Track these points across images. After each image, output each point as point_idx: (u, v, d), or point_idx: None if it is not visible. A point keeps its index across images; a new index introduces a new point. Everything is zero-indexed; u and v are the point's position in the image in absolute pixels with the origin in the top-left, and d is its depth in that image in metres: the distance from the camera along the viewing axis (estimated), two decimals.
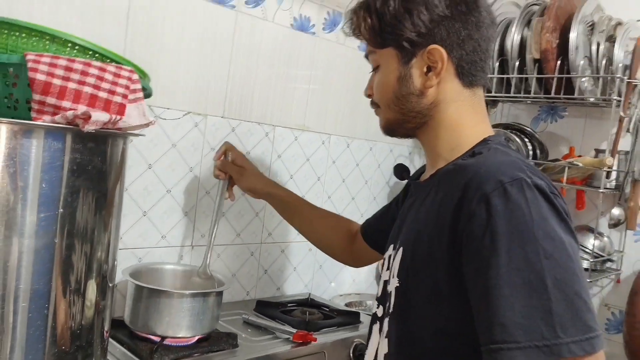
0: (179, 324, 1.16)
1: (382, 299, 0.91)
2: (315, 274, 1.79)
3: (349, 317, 1.50)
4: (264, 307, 1.50)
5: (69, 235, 0.84)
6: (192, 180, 1.44)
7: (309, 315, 1.48)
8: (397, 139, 0.95)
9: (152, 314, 1.16)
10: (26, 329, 0.82)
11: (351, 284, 1.92)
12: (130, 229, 1.32)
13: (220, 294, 1.24)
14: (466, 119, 0.85)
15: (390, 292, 0.85)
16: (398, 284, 0.83)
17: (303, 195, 1.70)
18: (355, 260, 1.29)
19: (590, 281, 1.54)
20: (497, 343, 0.66)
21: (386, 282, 0.90)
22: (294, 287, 1.73)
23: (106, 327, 0.97)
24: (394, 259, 0.87)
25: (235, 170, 1.28)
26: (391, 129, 0.91)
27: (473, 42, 0.83)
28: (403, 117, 0.87)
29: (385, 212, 1.18)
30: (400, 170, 0.97)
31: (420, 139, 0.91)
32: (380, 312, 0.91)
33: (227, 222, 1.53)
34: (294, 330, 1.32)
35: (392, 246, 0.91)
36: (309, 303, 1.61)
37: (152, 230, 1.37)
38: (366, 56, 0.92)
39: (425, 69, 0.83)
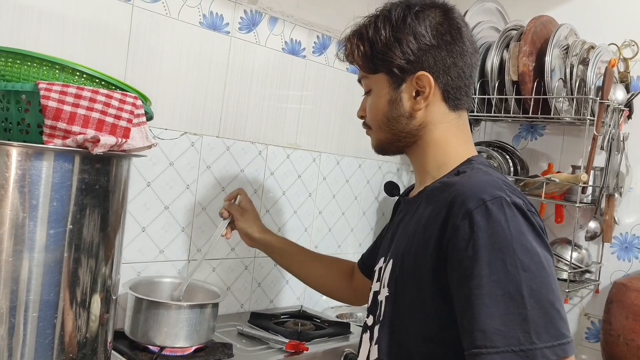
0: (177, 335, 1.22)
1: (373, 308, 0.96)
2: (307, 287, 1.83)
3: (339, 328, 1.56)
4: (258, 318, 1.55)
5: (76, 250, 0.91)
6: (188, 197, 1.50)
7: (301, 326, 1.54)
8: (386, 156, 1.03)
9: (151, 325, 1.21)
10: (36, 338, 0.88)
11: None
12: (129, 244, 1.38)
13: (216, 305, 1.30)
14: (452, 139, 0.93)
15: (381, 301, 0.92)
16: (388, 294, 0.89)
17: (295, 211, 1.77)
18: (357, 298, 1.31)
19: (570, 291, 1.61)
20: (478, 347, 0.72)
21: (376, 293, 0.96)
22: (287, 299, 1.79)
23: (109, 338, 1.03)
24: (384, 271, 0.93)
25: (237, 211, 1.32)
26: (382, 148, 0.98)
27: (457, 69, 0.91)
28: (393, 137, 0.94)
29: (377, 242, 1.23)
30: (390, 188, 1.04)
31: (410, 157, 0.98)
32: (370, 321, 0.96)
33: (222, 237, 1.59)
34: (287, 341, 1.38)
35: (382, 259, 0.97)
36: (301, 315, 1.67)
37: (151, 245, 1.44)
38: (359, 80, 0.99)
39: (414, 93, 0.90)
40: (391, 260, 0.91)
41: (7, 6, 1.15)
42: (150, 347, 1.23)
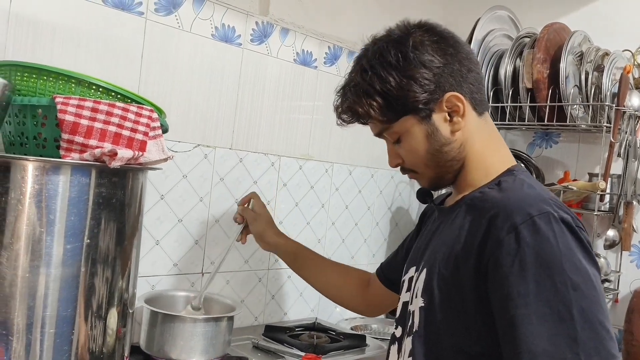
0: (192, 348, 1.21)
1: (402, 319, 0.94)
2: (321, 299, 1.83)
3: (355, 340, 1.54)
4: (273, 331, 1.54)
5: (93, 265, 0.90)
6: (202, 210, 1.49)
7: (316, 338, 1.52)
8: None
9: (167, 339, 1.20)
10: (53, 355, 0.87)
11: None
12: (144, 257, 1.38)
13: (231, 318, 1.28)
14: (489, 146, 0.91)
15: (412, 312, 0.89)
16: (423, 304, 0.86)
17: (308, 223, 1.76)
18: (368, 307, 1.30)
19: None
20: None
21: (406, 303, 0.93)
22: (301, 312, 1.78)
23: (126, 353, 1.02)
24: (416, 280, 0.90)
25: (251, 216, 1.31)
26: (436, 184, 0.95)
27: (472, 74, 0.90)
28: (442, 169, 0.91)
29: (399, 251, 1.21)
30: (423, 194, 1.02)
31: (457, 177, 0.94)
32: (399, 333, 0.94)
33: (236, 249, 1.58)
34: (303, 354, 1.36)
35: (413, 268, 0.94)
36: (315, 327, 1.65)
37: (165, 258, 1.43)
38: (379, 135, 0.93)
39: (447, 117, 0.88)
40: (425, 269, 0.88)
41: (22, 22, 1.16)
42: None
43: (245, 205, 1.34)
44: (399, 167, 0.97)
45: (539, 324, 0.71)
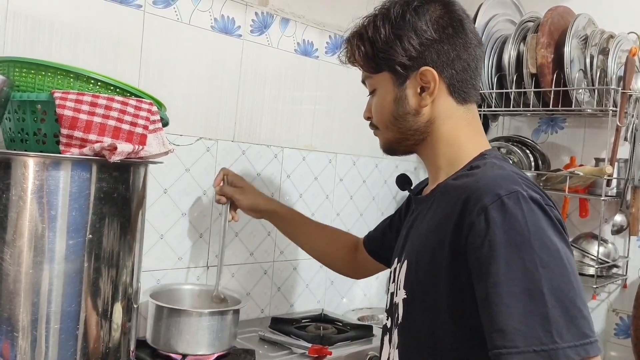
0: (199, 342, 1.21)
1: (390, 310, 0.95)
2: (327, 290, 1.83)
3: (362, 331, 1.54)
4: (279, 323, 1.54)
5: (96, 260, 0.90)
6: (205, 203, 1.49)
7: (323, 330, 1.52)
8: (403, 157, 1.01)
9: (173, 333, 1.20)
10: (58, 350, 0.87)
11: (362, 298, 1.95)
12: (148, 252, 1.37)
13: (237, 311, 1.28)
14: (462, 133, 0.91)
15: (397, 303, 0.90)
16: (405, 296, 0.87)
17: (312, 214, 1.75)
18: (355, 273, 1.34)
19: (597, 287, 1.57)
20: (498, 348, 0.70)
21: (392, 295, 0.94)
22: (307, 303, 1.77)
23: (132, 347, 1.02)
24: (399, 272, 0.91)
25: (234, 192, 1.32)
26: (391, 148, 0.97)
27: (462, 62, 0.89)
28: (401, 135, 0.93)
29: (387, 225, 1.22)
30: (402, 181, 1.02)
31: (421, 156, 0.96)
32: (389, 324, 0.95)
33: (240, 242, 1.58)
34: (309, 345, 1.36)
35: (396, 259, 0.96)
36: (322, 318, 1.65)
37: (169, 252, 1.43)
38: (363, 81, 0.98)
39: (419, 90, 0.89)
40: (406, 261, 0.89)
41: (20, 18, 1.15)
42: (172, 355, 1.22)
43: (222, 184, 1.34)
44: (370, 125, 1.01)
45: (509, 303, 0.70)
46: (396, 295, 0.91)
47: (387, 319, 0.96)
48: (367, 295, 1.97)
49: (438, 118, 0.90)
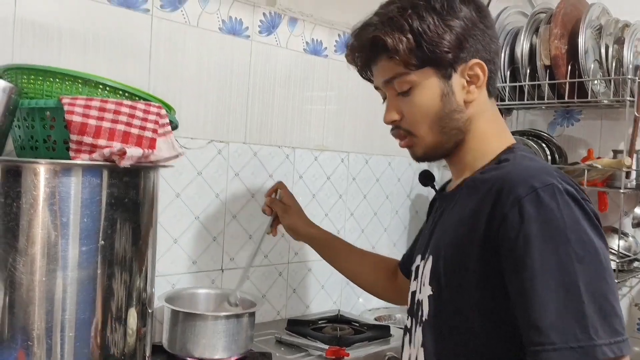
0: (215, 346, 1.20)
1: (412, 309, 0.92)
2: (343, 291, 1.81)
3: (379, 331, 1.52)
4: (295, 325, 1.52)
5: (109, 266, 0.89)
6: (218, 206, 1.48)
7: (340, 331, 1.50)
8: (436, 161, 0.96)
9: (189, 337, 1.20)
10: (74, 358, 0.87)
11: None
12: (162, 256, 1.37)
13: (252, 314, 1.27)
14: (492, 128, 0.88)
15: (421, 300, 0.87)
16: (431, 292, 0.84)
17: (326, 214, 1.74)
18: (397, 298, 1.25)
19: (619, 282, 1.53)
20: (535, 345, 0.69)
21: (414, 293, 0.92)
22: (323, 304, 1.76)
23: (147, 352, 1.01)
24: (423, 269, 0.88)
25: (280, 208, 1.29)
26: (430, 154, 0.88)
27: (497, 53, 0.88)
28: (443, 137, 0.86)
29: (414, 243, 1.19)
30: (425, 177, 0.99)
31: (451, 156, 0.90)
32: (410, 324, 0.93)
33: (255, 244, 1.56)
34: (327, 347, 1.34)
35: (419, 257, 0.93)
36: (339, 319, 1.63)
37: (183, 256, 1.42)
38: (388, 81, 0.87)
39: (465, 83, 0.84)
40: (431, 257, 0.86)
41: (27, 26, 1.15)
42: (189, 359, 1.21)
43: (273, 196, 1.32)
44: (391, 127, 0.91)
45: (544, 298, 0.69)
46: (419, 292, 0.89)
47: (408, 319, 0.94)
48: None
49: (477, 113, 0.86)
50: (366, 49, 0.87)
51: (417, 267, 0.92)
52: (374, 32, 0.84)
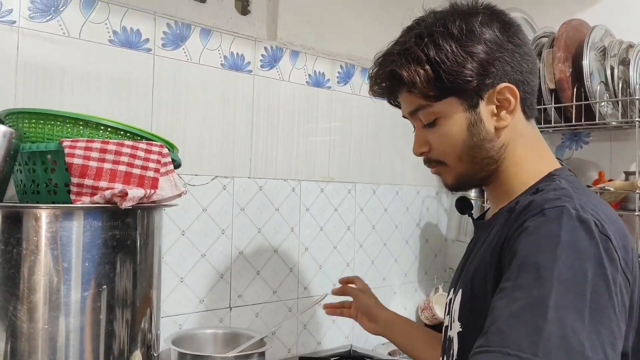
0: None
1: (445, 346, 0.87)
2: (354, 325, 1.76)
3: None
4: None
5: (113, 310, 0.87)
6: (224, 243, 1.46)
7: None
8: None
9: None
10: None
11: None
12: (168, 296, 1.34)
13: (262, 354, 1.23)
14: (531, 152, 0.82)
15: (452, 338, 0.82)
16: (460, 329, 0.79)
17: (334, 247, 1.71)
18: None
19: None
20: (475, 348, 0.62)
21: (447, 328, 0.86)
22: (335, 340, 1.71)
23: None
24: (453, 302, 0.83)
25: (358, 289, 1.23)
26: (462, 183, 0.84)
27: (532, 73, 0.81)
28: (475, 166, 0.81)
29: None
30: (462, 205, 0.93)
31: (487, 185, 0.86)
32: None
33: (263, 280, 1.53)
34: None
35: (452, 289, 0.88)
36: (352, 355, 1.59)
37: (190, 295, 1.39)
38: (411, 113, 0.84)
39: (495, 110, 0.78)
40: (460, 291, 0.81)
41: (29, 69, 1.15)
42: None
43: (347, 285, 1.27)
44: (422, 159, 0.87)
45: (503, 306, 0.62)
46: (450, 329, 0.84)
47: (442, 357, 0.88)
48: None
49: (512, 139, 0.80)
50: (386, 82, 0.84)
51: (450, 301, 0.87)
52: (391, 65, 0.81)
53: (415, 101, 0.81)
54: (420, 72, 0.77)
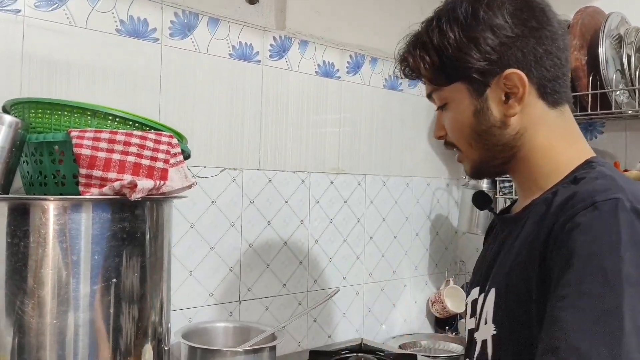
0: None
1: (469, 351, 0.82)
2: (365, 318, 1.75)
3: None
4: (318, 356, 1.46)
5: (122, 304, 0.85)
6: (234, 235, 1.44)
7: None
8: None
9: None
10: None
11: (402, 324, 1.87)
12: (178, 289, 1.32)
13: (273, 348, 1.22)
14: (559, 141, 0.77)
15: (483, 341, 0.77)
16: (495, 332, 0.74)
17: (344, 239, 1.69)
18: None
19: None
20: None
21: (472, 331, 0.82)
22: (345, 333, 1.70)
23: None
24: (483, 303, 0.78)
25: None
26: (479, 170, 0.83)
27: (552, 57, 0.76)
28: (488, 153, 0.79)
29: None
30: (481, 199, 0.89)
31: (511, 172, 0.82)
32: None
33: (272, 273, 1.52)
34: None
35: (476, 289, 0.83)
36: (362, 348, 1.57)
37: (200, 289, 1.37)
38: (429, 96, 0.84)
39: (503, 97, 0.75)
40: (493, 291, 0.75)
41: (35, 60, 1.13)
42: None
43: None
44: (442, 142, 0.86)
45: (574, 318, 0.58)
46: (477, 331, 0.79)
47: None
48: (407, 321, 1.88)
49: (530, 127, 0.76)
50: (401, 67, 0.84)
51: (475, 301, 0.82)
52: (402, 52, 0.82)
53: (428, 85, 0.82)
54: (426, 58, 0.77)
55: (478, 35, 0.74)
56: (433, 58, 0.77)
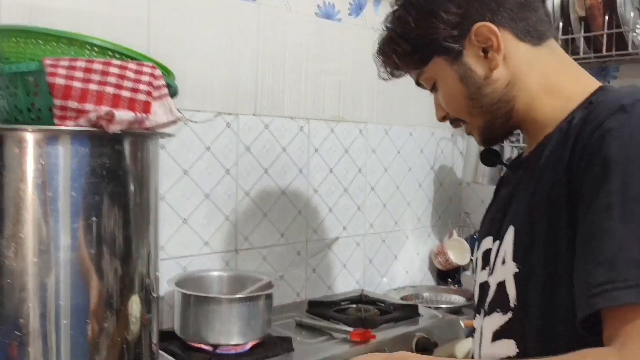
0: (230, 331, 1.11)
1: (481, 303, 0.79)
2: (366, 269, 1.72)
3: (407, 311, 1.42)
4: (317, 307, 1.43)
5: (105, 245, 0.80)
6: (229, 183, 1.39)
7: (364, 312, 1.41)
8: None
9: (202, 323, 1.11)
10: (70, 347, 0.79)
11: (404, 276, 1.83)
12: (171, 238, 1.28)
13: (269, 296, 1.18)
14: (559, 75, 0.74)
15: (500, 283, 0.73)
16: (517, 269, 0.70)
17: (345, 189, 1.64)
18: None
19: None
20: (601, 285, 0.54)
21: (484, 284, 0.78)
22: (345, 284, 1.66)
23: (154, 340, 0.93)
24: (497, 249, 0.75)
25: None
26: (488, 135, 0.81)
27: None
28: (488, 115, 0.77)
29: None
30: (490, 156, 0.85)
31: (520, 127, 0.80)
32: (480, 321, 0.79)
33: (270, 222, 1.47)
34: (351, 329, 1.25)
35: (489, 239, 0.80)
36: (362, 300, 1.53)
37: (194, 237, 1.33)
38: (417, 83, 0.83)
39: (481, 53, 0.74)
40: (511, 228, 0.72)
41: (15, 7, 1.05)
42: (203, 346, 1.13)
43: None
44: (447, 122, 0.84)
45: (624, 230, 0.55)
46: (491, 275, 0.76)
47: (475, 317, 0.81)
48: (409, 273, 1.85)
49: (519, 73, 0.74)
50: (382, 64, 0.85)
51: (487, 252, 0.79)
52: (377, 54, 0.83)
53: (412, 72, 0.82)
54: (397, 49, 0.78)
55: (434, 7, 0.74)
56: (403, 46, 0.77)
